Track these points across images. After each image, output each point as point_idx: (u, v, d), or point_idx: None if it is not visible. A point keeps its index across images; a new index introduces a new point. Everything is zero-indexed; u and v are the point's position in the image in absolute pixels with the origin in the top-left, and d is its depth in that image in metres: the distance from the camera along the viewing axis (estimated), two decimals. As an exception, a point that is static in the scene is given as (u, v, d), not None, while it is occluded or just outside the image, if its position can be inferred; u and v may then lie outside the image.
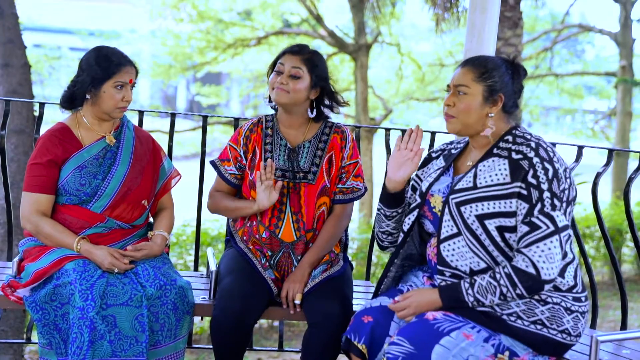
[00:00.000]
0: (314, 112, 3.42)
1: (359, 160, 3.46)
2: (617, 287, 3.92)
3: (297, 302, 3.22)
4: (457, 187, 2.86)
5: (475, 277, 2.76)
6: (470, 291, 2.75)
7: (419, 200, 3.04)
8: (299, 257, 3.34)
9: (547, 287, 2.71)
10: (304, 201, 3.34)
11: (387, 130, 4.29)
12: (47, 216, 3.18)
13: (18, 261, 3.23)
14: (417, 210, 3.03)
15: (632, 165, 14.93)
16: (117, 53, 3.23)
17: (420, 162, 3.10)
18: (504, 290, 2.70)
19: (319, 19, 14.23)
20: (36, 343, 3.37)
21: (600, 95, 21.65)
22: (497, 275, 2.72)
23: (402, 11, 16.01)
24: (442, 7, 8.59)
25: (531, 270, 2.67)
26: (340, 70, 16.55)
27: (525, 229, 2.71)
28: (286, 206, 3.33)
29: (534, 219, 2.70)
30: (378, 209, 3.14)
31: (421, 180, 3.12)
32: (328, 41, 14.66)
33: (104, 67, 3.17)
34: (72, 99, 3.25)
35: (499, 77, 2.85)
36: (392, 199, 3.07)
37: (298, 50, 3.32)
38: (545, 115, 25.48)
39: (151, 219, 3.48)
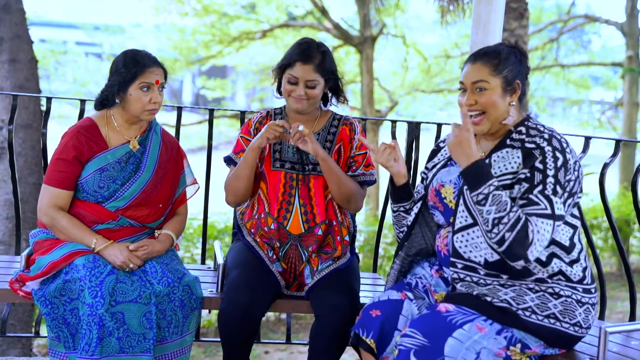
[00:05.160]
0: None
1: (368, 152, 3.45)
2: (625, 278, 3.91)
3: (301, 128, 3.18)
4: None
5: (502, 191, 2.65)
6: (492, 184, 2.64)
7: (422, 192, 3.04)
8: (307, 250, 3.34)
9: (519, 263, 2.62)
10: (313, 192, 3.34)
11: (393, 122, 4.28)
12: (64, 210, 3.20)
13: (27, 255, 3.24)
14: (420, 202, 3.02)
15: (639, 156, 14.91)
16: (142, 54, 3.23)
17: (429, 155, 3.13)
18: (504, 220, 2.59)
19: (324, 11, 14.22)
20: (45, 337, 3.39)
21: (607, 85, 21.59)
22: (513, 211, 2.60)
23: (406, 3, 15.99)
24: (447, -2, 8.56)
25: (529, 239, 2.59)
26: (346, 62, 16.54)
27: (522, 202, 2.64)
28: (295, 198, 3.33)
29: (532, 196, 2.64)
30: (392, 210, 3.17)
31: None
32: (333, 34, 14.66)
33: (128, 68, 3.17)
34: (103, 103, 3.28)
35: (512, 64, 2.83)
36: (397, 191, 3.11)
37: (309, 58, 3.26)
38: (552, 106, 25.40)
39: None
